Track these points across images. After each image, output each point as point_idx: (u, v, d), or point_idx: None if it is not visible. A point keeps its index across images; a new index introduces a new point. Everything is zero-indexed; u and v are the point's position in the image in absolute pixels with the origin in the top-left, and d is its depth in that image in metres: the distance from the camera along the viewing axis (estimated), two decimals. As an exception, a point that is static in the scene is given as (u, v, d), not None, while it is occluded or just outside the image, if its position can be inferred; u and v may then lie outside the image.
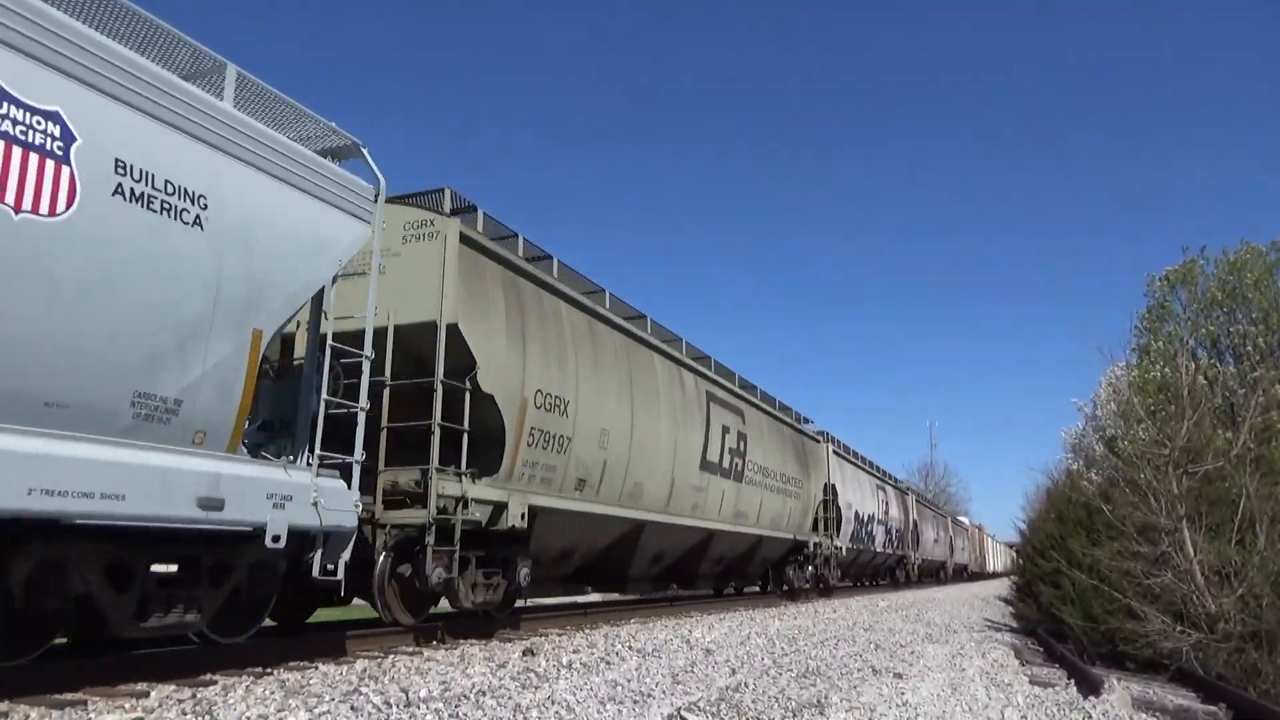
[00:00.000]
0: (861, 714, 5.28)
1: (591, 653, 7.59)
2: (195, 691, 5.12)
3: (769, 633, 10.40)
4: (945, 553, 43.56)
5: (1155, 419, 10.86)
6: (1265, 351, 17.62)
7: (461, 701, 5.03)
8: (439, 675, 5.99)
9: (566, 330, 10.07)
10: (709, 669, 6.97)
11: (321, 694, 5.13)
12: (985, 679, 7.34)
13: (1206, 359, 18.25)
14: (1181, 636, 8.65)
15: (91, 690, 5.13)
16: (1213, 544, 9.09)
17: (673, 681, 6.22)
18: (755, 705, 5.43)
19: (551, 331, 9.73)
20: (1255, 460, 9.75)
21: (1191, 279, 19.76)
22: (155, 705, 4.75)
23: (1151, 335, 19.55)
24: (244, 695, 4.99)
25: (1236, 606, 8.53)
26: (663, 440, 12.17)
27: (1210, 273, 19.68)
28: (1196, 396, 10.61)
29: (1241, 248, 19.32)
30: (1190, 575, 8.98)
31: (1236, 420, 11.83)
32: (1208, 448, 9.89)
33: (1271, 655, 8.06)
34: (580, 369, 10.10)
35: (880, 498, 28.62)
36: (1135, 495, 9.96)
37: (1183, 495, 9.46)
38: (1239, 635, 8.37)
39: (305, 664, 6.52)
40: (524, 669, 6.44)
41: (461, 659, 6.95)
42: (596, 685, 5.83)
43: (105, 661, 5.66)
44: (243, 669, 6.13)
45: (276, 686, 5.36)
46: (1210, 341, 19.39)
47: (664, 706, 5.21)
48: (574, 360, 10.02)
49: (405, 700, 4.99)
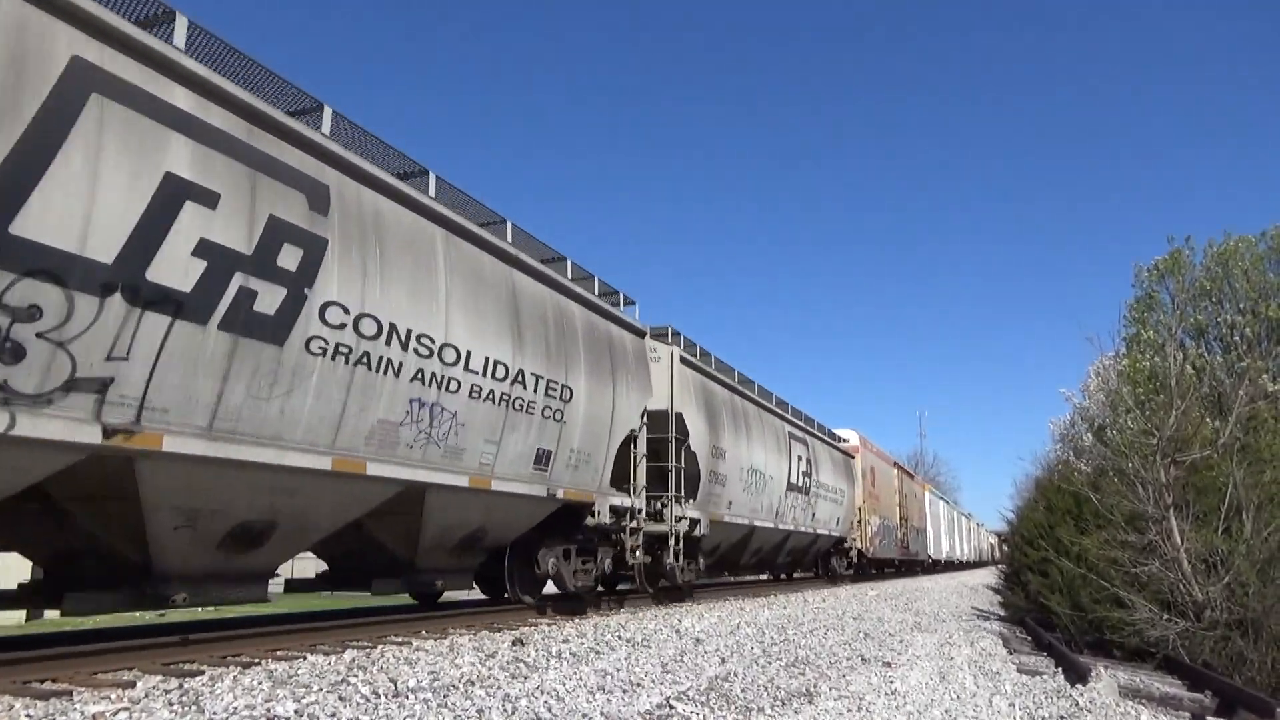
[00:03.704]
0: (850, 703, 5.29)
1: (581, 642, 7.59)
2: (182, 682, 5.09)
3: (758, 622, 10.42)
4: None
5: (1144, 408, 10.90)
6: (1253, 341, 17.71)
7: (450, 691, 5.02)
8: (428, 665, 5.97)
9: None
10: (698, 658, 6.98)
11: (310, 684, 5.10)
12: (974, 667, 7.37)
13: (1194, 349, 18.33)
14: (1168, 625, 8.70)
15: (76, 680, 5.09)
16: (1200, 532, 9.14)
17: (662, 671, 6.21)
18: (745, 694, 5.43)
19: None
20: (1242, 449, 9.79)
21: (1179, 269, 19.80)
22: (141, 695, 4.71)
23: (1140, 325, 19.61)
24: (231, 685, 4.96)
25: (1223, 595, 8.59)
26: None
27: (1198, 263, 19.74)
28: (1184, 386, 10.64)
29: (1226, 238, 19.38)
30: (1177, 564, 9.03)
31: (1224, 410, 11.88)
32: (1195, 437, 9.93)
33: (1257, 643, 8.11)
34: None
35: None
36: (1123, 484, 10.00)
37: (1170, 484, 9.51)
38: (1225, 623, 8.42)
39: (294, 653, 6.49)
40: (513, 659, 6.43)
41: (451, 649, 6.93)
42: (586, 675, 5.82)
43: (89, 650, 5.63)
44: (230, 659, 6.10)
45: (264, 676, 5.33)
46: (1198, 331, 19.47)
47: (653, 696, 5.20)
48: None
49: (394, 690, 4.97)
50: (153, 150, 5.20)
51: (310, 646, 6.91)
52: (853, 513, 25.30)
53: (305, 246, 6.24)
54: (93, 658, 5.63)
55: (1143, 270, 20.64)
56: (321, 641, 7.20)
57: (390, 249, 7.17)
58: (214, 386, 5.62)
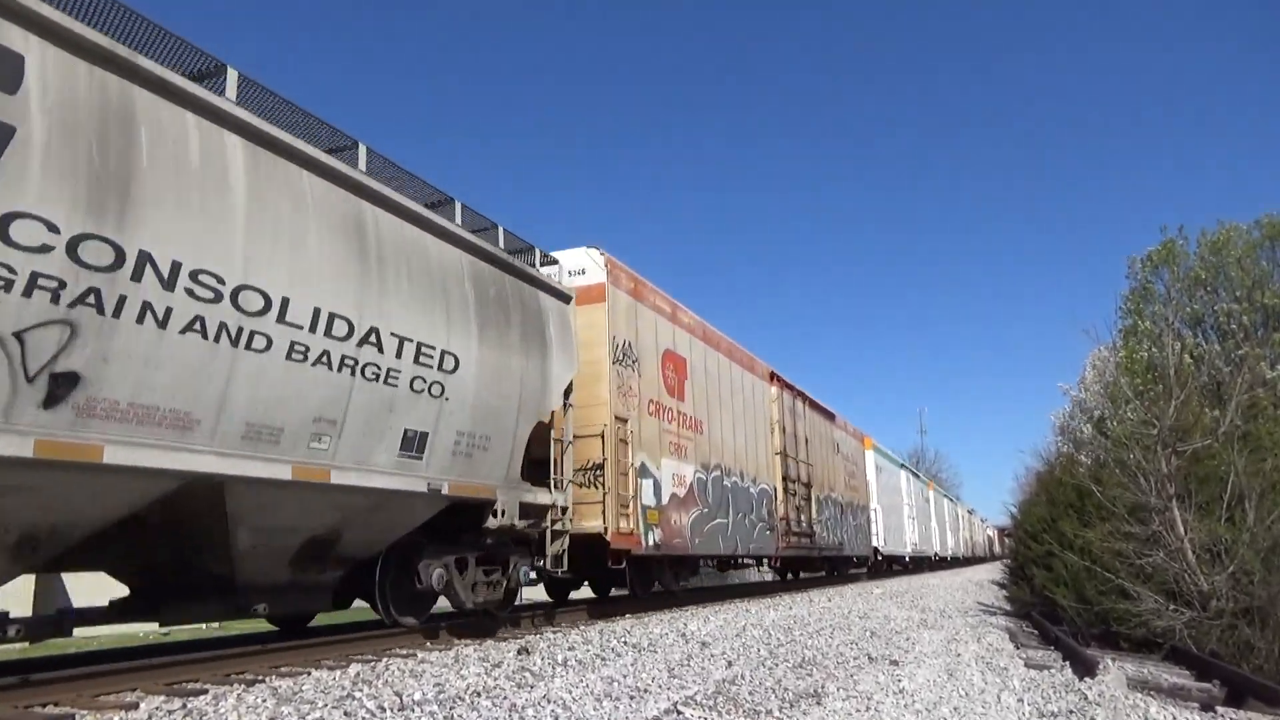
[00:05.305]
0: (859, 702, 5.26)
1: (587, 649, 7.55)
2: (185, 701, 5.05)
3: (765, 624, 10.38)
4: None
5: (1143, 399, 10.89)
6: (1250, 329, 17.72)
7: (456, 703, 4.98)
8: (433, 677, 5.94)
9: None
10: (705, 662, 6.95)
11: (314, 700, 5.07)
12: (981, 663, 7.35)
13: (1192, 338, 18.34)
14: (1174, 615, 8.68)
15: (79, 703, 5.06)
16: (1203, 522, 9.12)
17: (669, 676, 6.19)
18: (752, 697, 5.40)
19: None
20: (1243, 437, 9.77)
21: (1173, 259, 19.84)
22: (145, 717, 4.68)
23: (1136, 317, 19.63)
24: (235, 704, 4.92)
25: (1228, 583, 8.56)
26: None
27: (1192, 252, 19.78)
28: (1183, 376, 10.64)
29: (1220, 227, 19.42)
30: (1181, 554, 9.01)
31: (1223, 398, 11.88)
32: (1195, 426, 9.91)
33: (1264, 631, 8.09)
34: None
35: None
36: (1125, 476, 9.99)
37: (1172, 474, 9.49)
38: (1231, 612, 8.40)
39: (298, 669, 6.45)
40: (519, 668, 6.40)
41: (456, 659, 6.90)
42: (592, 682, 5.80)
43: (91, 671, 5.59)
44: (233, 676, 6.07)
45: (269, 694, 5.30)
46: (1194, 321, 19.50)
47: (660, 701, 5.17)
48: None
49: (399, 704, 4.94)
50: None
51: (314, 661, 6.88)
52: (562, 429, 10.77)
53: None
54: (95, 679, 5.59)
55: (1136, 261, 20.69)
56: (326, 656, 7.16)
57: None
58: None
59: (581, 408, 10.70)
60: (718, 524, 14.37)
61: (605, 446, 10.99)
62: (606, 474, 10.89)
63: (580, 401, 10.62)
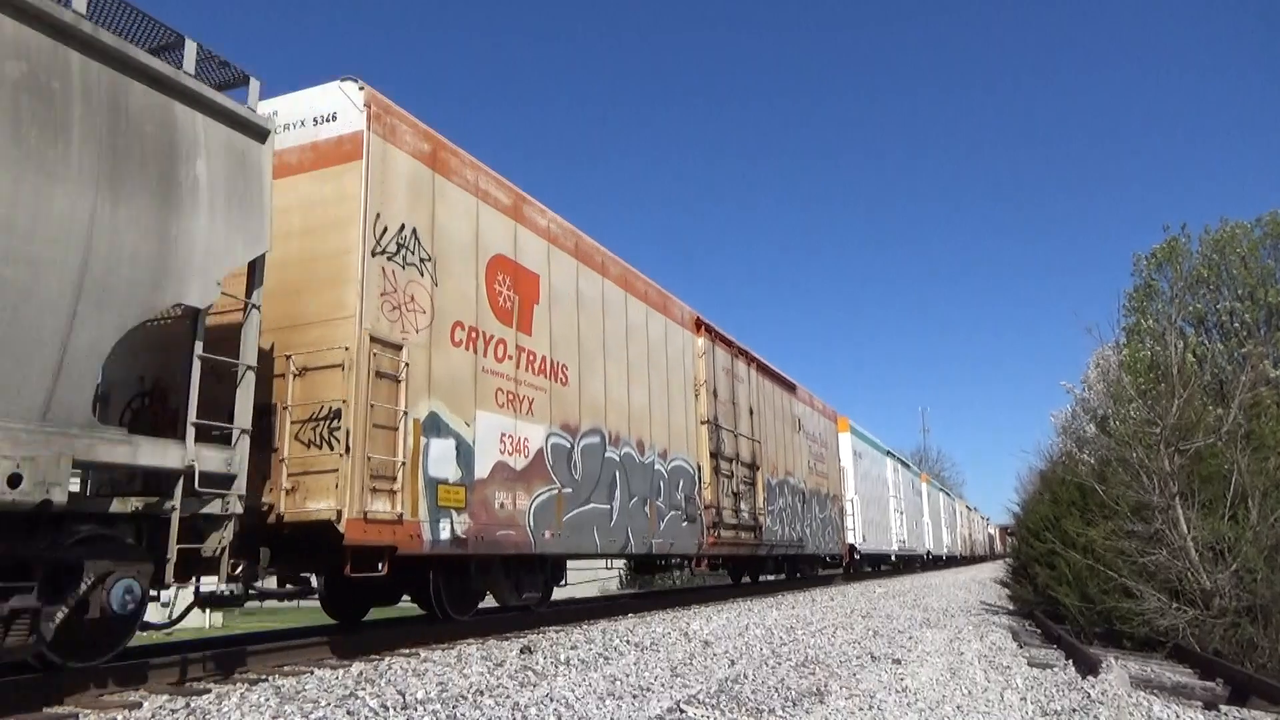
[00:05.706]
0: (861, 701, 5.26)
1: (589, 649, 7.55)
2: (189, 700, 5.06)
3: (766, 623, 10.38)
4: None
5: (1146, 398, 10.87)
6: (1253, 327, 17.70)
7: (459, 702, 4.99)
8: (436, 676, 5.94)
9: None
10: (708, 661, 6.95)
11: (318, 699, 5.07)
12: (984, 662, 7.35)
13: (1194, 336, 18.32)
14: (1177, 614, 8.68)
15: (82, 703, 5.06)
16: (1206, 520, 9.11)
17: (672, 675, 6.19)
18: (755, 696, 5.40)
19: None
20: (1245, 436, 9.76)
21: (1176, 257, 19.80)
22: (148, 716, 4.69)
23: (1140, 315, 19.60)
24: (238, 703, 4.93)
25: (1231, 582, 8.56)
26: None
27: (1195, 250, 19.74)
28: (1186, 374, 10.63)
29: (1223, 225, 19.39)
30: (1184, 552, 9.00)
31: (1226, 396, 11.86)
32: (1198, 425, 9.90)
33: (1267, 629, 8.08)
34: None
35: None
36: (1128, 474, 9.98)
37: (1175, 473, 9.48)
38: (1234, 610, 8.39)
39: (301, 668, 6.46)
40: (521, 667, 6.40)
41: (459, 658, 6.90)
42: (595, 681, 5.80)
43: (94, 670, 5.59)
44: (237, 675, 6.07)
45: (272, 693, 5.30)
46: (1197, 319, 19.46)
47: (663, 700, 5.17)
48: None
49: (402, 703, 4.94)
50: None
51: (317, 661, 6.88)
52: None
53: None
54: (98, 679, 5.59)
55: (1141, 259, 20.64)
56: (328, 655, 7.17)
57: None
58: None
59: (304, 323, 7.31)
60: (592, 510, 10.46)
61: (350, 384, 7.06)
62: (352, 427, 6.97)
63: (304, 312, 7.32)
